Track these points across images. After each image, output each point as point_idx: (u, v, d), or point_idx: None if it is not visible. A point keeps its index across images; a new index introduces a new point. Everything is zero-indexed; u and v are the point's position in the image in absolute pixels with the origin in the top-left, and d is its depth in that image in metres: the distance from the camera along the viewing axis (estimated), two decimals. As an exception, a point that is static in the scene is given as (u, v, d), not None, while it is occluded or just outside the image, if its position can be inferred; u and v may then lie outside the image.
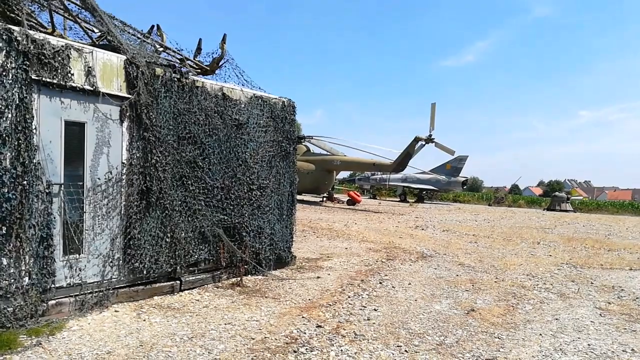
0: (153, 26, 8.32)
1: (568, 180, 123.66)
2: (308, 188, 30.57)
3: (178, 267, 6.47)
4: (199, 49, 8.27)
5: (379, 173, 41.14)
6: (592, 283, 8.54)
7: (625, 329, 5.85)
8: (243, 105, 7.40)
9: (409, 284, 7.76)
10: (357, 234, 14.38)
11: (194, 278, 6.72)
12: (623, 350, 5.04)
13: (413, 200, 44.42)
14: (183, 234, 6.48)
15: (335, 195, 35.45)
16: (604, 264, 10.79)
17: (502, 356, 4.72)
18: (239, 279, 7.11)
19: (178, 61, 7.66)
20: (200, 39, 8.23)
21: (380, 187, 48.43)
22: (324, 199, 33.51)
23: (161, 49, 7.98)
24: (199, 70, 8.05)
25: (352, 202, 31.08)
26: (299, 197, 30.85)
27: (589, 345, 5.17)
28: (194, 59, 8.15)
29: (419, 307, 6.38)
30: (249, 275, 7.51)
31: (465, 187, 49.47)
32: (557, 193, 47.52)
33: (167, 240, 6.27)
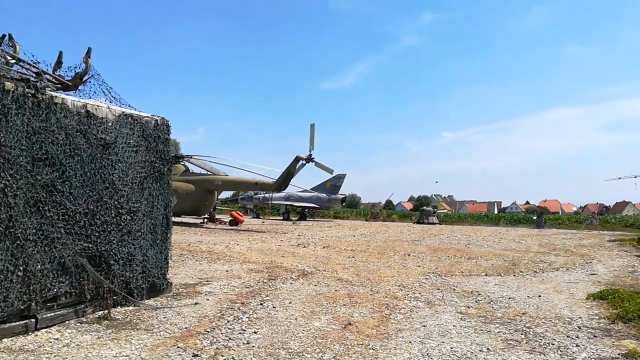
0: (4, 36, 7.48)
1: (434, 195, 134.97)
2: (187, 209, 29.42)
3: (33, 304, 5.75)
4: (59, 63, 7.60)
5: (262, 192, 41.11)
6: (454, 290, 9.36)
7: (482, 330, 6.48)
8: (110, 124, 6.93)
9: (290, 302, 7.80)
10: (239, 255, 14.15)
11: (52, 314, 6.03)
12: (480, 350, 5.56)
13: (296, 219, 45.11)
14: (39, 266, 5.80)
15: (218, 216, 34.55)
16: (464, 272, 11.91)
17: (375, 367, 4.93)
18: (106, 311, 6.54)
19: (34, 75, 6.96)
20: (60, 52, 7.58)
21: (263, 206, 48.41)
22: (205, 220, 32.48)
23: (13, 61, 7.16)
24: (60, 86, 7.40)
25: (235, 222, 30.58)
26: (178, 219, 29.56)
27: (451, 348, 5.62)
28: (54, 72, 7.47)
29: (299, 326, 6.43)
30: (119, 307, 6.94)
31: (344, 204, 51.59)
32: (424, 207, 51.81)
33: (19, 274, 5.55)
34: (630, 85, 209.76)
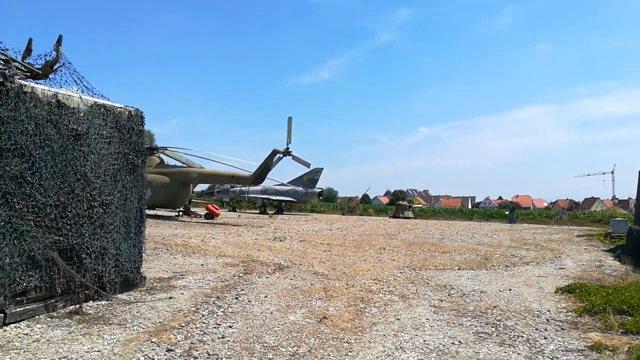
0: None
1: (410, 189, 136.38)
2: (162, 202, 28.92)
3: (2, 298, 5.60)
4: (28, 50, 7.36)
5: (239, 185, 40.78)
6: (428, 283, 9.50)
7: (454, 323, 6.60)
8: (82, 114, 6.77)
9: (265, 297, 7.79)
10: (215, 249, 14.05)
11: (22, 309, 5.88)
12: (452, 343, 5.67)
13: (272, 212, 44.97)
14: (7, 260, 5.65)
15: (193, 209, 34.11)
16: (437, 265, 12.09)
17: (350, 360, 4.97)
18: (78, 306, 6.41)
19: (2, 63, 6.73)
20: (30, 39, 7.33)
21: (240, 200, 48.10)
22: (180, 213, 32.04)
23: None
24: (29, 74, 7.17)
25: (211, 215, 30.27)
26: (152, 212, 29.09)
27: (424, 341, 5.72)
28: (23, 60, 7.24)
29: (274, 320, 6.43)
30: (91, 301, 6.82)
31: (321, 198, 51.59)
32: (400, 202, 52.29)
33: (-14, 268, 5.40)
34: (596, 87, 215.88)
